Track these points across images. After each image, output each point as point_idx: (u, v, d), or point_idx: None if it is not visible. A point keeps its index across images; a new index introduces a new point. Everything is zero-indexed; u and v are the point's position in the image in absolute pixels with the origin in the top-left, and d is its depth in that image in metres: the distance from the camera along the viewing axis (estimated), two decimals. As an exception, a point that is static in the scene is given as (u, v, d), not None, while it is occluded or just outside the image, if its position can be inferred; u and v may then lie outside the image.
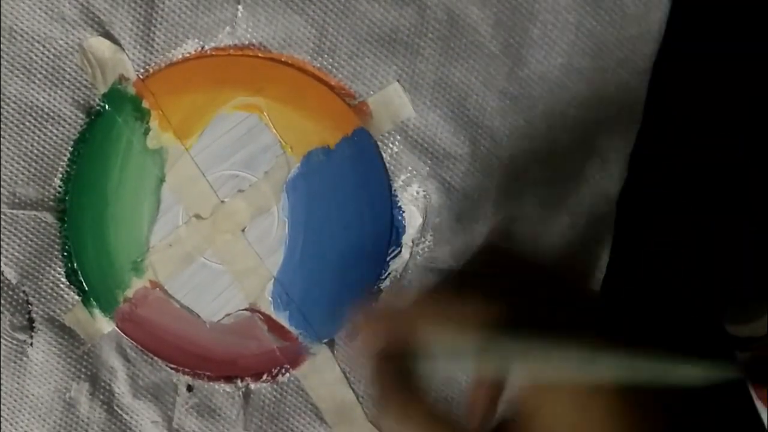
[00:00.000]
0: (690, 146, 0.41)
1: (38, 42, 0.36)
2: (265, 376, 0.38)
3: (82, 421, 0.38)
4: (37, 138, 0.37)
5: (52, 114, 0.37)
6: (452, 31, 0.37)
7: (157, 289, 0.38)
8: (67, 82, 0.36)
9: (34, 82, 0.36)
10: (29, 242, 0.37)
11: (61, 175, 0.37)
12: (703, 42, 0.40)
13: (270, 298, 0.38)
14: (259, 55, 0.37)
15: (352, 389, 0.38)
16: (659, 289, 0.41)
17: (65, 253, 0.37)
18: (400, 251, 0.38)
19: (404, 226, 0.38)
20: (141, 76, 0.37)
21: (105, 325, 0.38)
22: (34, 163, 0.37)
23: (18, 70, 0.36)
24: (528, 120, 0.37)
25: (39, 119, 0.36)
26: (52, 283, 0.37)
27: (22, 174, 0.37)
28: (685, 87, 0.40)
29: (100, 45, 0.36)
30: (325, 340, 0.38)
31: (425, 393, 0.30)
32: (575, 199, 0.38)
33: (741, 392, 0.40)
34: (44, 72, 0.36)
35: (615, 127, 0.37)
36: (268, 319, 0.38)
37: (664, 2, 0.37)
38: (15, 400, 0.38)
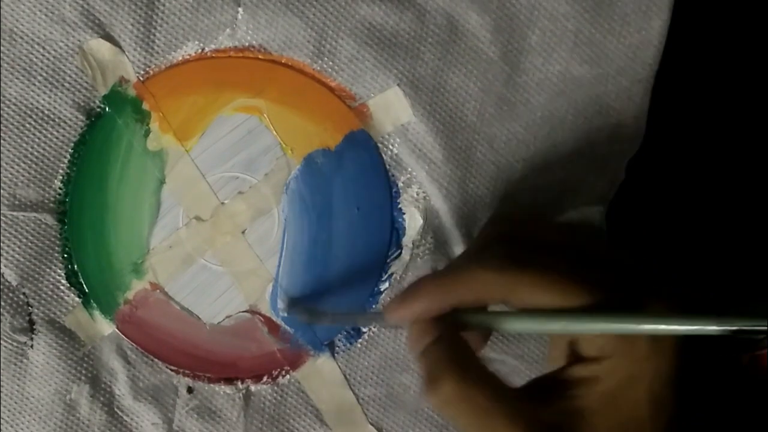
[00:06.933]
0: (689, 150, 0.41)
1: (38, 44, 0.36)
2: (265, 378, 0.38)
3: (83, 423, 0.38)
4: (37, 140, 0.36)
5: (52, 116, 0.36)
6: (451, 37, 0.37)
7: (158, 290, 0.38)
8: (67, 84, 0.36)
9: (34, 84, 0.36)
10: (29, 244, 0.37)
11: (61, 177, 0.37)
12: (704, 49, 0.40)
13: (270, 300, 0.38)
14: (260, 57, 0.37)
15: (353, 391, 0.39)
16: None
17: (65, 255, 0.37)
18: (401, 253, 0.38)
19: (404, 227, 0.38)
20: (141, 78, 0.37)
21: (105, 326, 0.38)
22: (34, 165, 0.36)
23: (18, 72, 0.36)
24: (526, 127, 0.38)
25: (39, 121, 0.36)
26: (53, 284, 0.37)
27: (23, 176, 0.36)
28: (685, 93, 0.40)
29: (100, 47, 0.36)
30: (326, 342, 0.39)
31: (483, 369, 0.28)
32: (572, 205, 0.38)
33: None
34: (44, 74, 0.36)
35: (616, 135, 0.38)
36: (268, 321, 0.38)
37: (664, 9, 0.37)
38: (15, 403, 0.37)
